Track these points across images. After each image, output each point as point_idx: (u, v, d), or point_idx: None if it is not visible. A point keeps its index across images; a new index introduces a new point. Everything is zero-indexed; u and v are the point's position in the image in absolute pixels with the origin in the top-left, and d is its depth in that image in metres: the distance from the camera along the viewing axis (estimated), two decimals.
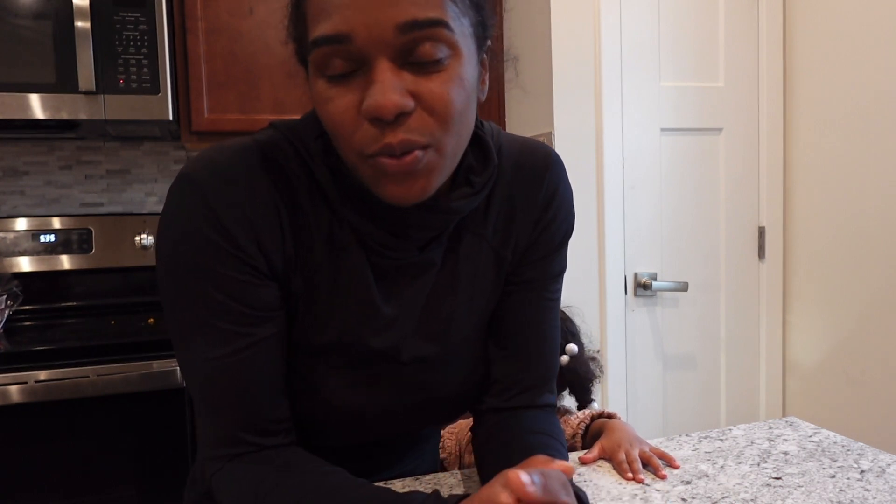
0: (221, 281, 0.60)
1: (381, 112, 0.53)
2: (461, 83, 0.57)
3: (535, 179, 0.73)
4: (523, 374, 0.74)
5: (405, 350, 0.69)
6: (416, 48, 0.54)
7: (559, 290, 0.77)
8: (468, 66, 0.58)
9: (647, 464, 0.80)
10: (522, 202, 0.73)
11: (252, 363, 0.62)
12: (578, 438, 0.98)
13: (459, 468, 1.02)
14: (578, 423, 0.99)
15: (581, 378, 1.13)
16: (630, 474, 0.78)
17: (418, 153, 0.56)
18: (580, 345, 1.15)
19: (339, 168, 0.63)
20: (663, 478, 0.77)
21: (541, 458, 0.58)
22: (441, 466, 0.98)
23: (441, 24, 0.55)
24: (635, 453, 0.81)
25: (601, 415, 0.98)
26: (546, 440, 0.68)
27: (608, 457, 0.84)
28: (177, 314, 0.62)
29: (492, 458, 0.70)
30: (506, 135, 0.74)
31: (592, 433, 0.96)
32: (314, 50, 0.56)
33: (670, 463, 0.81)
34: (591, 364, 1.16)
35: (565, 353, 1.12)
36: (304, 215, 0.63)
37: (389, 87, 0.53)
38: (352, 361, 0.67)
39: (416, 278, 0.68)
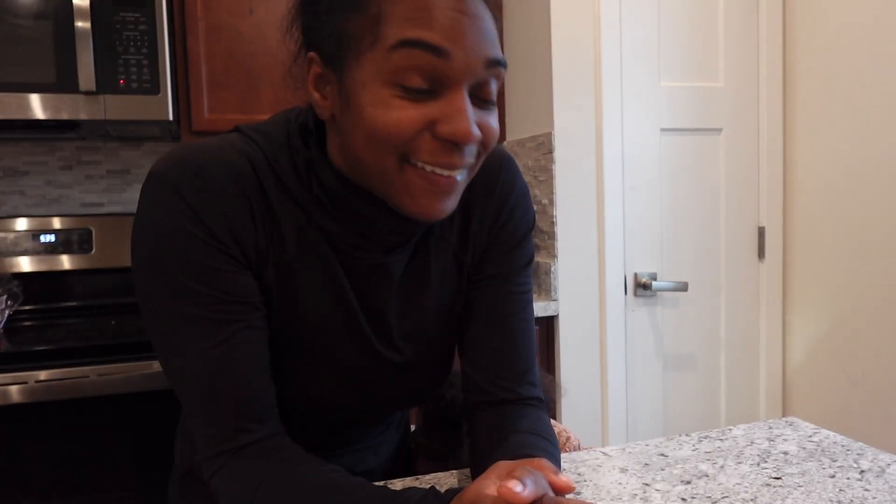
0: (201, 271, 0.61)
1: (463, 139, 0.57)
2: (497, 121, 0.62)
3: (489, 182, 0.75)
4: (498, 367, 0.75)
5: (377, 347, 0.71)
6: (485, 85, 0.59)
7: (527, 283, 0.78)
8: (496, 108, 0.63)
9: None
10: (478, 205, 0.75)
11: (240, 351, 0.63)
12: None
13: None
14: None
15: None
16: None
17: (459, 176, 0.60)
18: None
19: (311, 169, 0.65)
20: None
21: (544, 462, 0.58)
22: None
23: (505, 65, 0.60)
24: None
25: None
26: (536, 440, 0.69)
27: None
28: (159, 313, 0.62)
29: (485, 460, 0.71)
30: None
31: None
32: (398, 50, 0.55)
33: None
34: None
35: None
36: (273, 212, 0.64)
37: (470, 117, 0.57)
38: (326, 356, 0.69)
39: (382, 279, 0.70)
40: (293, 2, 0.65)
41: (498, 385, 0.74)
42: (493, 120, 0.61)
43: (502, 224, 0.76)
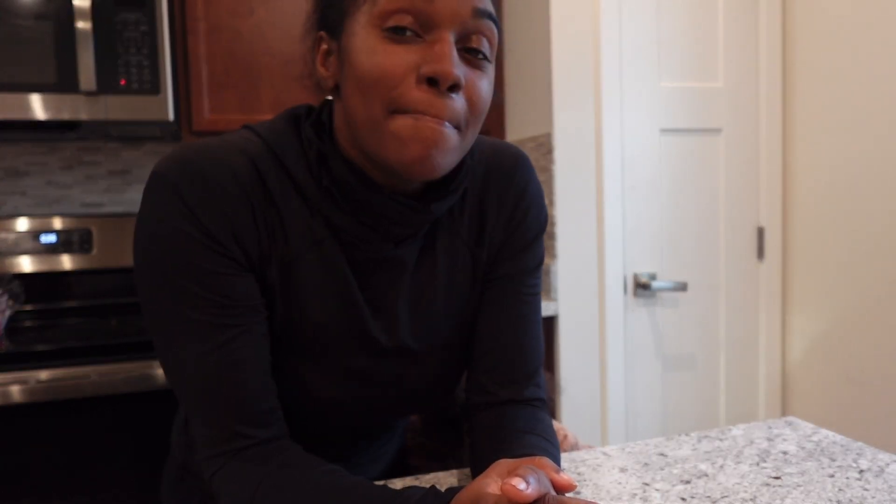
0: (201, 275, 0.61)
1: (444, 76, 0.57)
2: (489, 88, 0.63)
3: (505, 180, 0.75)
4: (505, 368, 0.74)
5: (384, 344, 0.70)
6: (472, 36, 0.60)
7: (537, 285, 0.78)
8: (492, 76, 0.64)
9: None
10: (494, 203, 0.75)
11: (240, 354, 0.62)
12: None
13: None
14: None
15: None
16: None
17: (448, 129, 0.59)
18: None
19: (323, 162, 0.65)
20: None
21: (545, 460, 0.58)
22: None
23: (496, 22, 0.61)
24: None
25: None
26: (537, 441, 0.69)
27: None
28: (159, 314, 0.62)
29: (485, 460, 0.71)
30: (477, 137, 0.77)
31: None
32: None
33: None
34: None
35: None
36: (276, 210, 0.64)
37: (453, 59, 0.58)
38: (331, 355, 0.69)
39: (391, 273, 0.70)
40: (310, 5, 0.67)
41: (503, 386, 0.74)
42: (481, 80, 0.61)
43: (517, 223, 0.76)
